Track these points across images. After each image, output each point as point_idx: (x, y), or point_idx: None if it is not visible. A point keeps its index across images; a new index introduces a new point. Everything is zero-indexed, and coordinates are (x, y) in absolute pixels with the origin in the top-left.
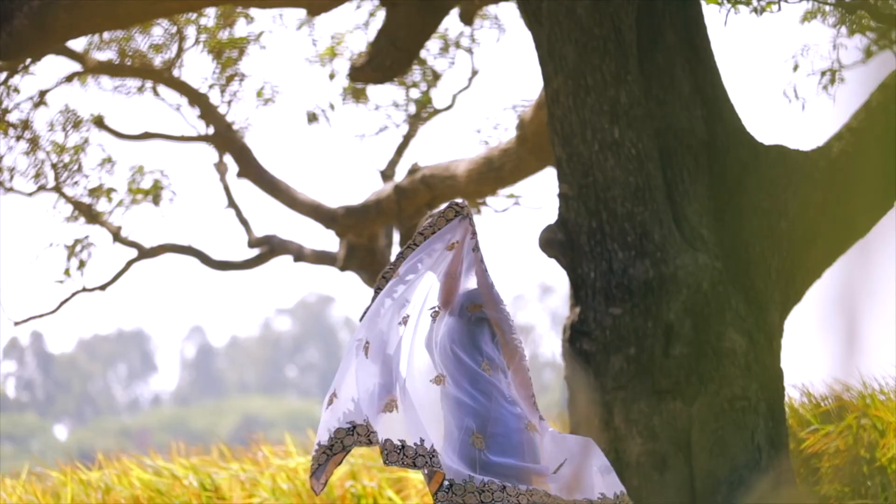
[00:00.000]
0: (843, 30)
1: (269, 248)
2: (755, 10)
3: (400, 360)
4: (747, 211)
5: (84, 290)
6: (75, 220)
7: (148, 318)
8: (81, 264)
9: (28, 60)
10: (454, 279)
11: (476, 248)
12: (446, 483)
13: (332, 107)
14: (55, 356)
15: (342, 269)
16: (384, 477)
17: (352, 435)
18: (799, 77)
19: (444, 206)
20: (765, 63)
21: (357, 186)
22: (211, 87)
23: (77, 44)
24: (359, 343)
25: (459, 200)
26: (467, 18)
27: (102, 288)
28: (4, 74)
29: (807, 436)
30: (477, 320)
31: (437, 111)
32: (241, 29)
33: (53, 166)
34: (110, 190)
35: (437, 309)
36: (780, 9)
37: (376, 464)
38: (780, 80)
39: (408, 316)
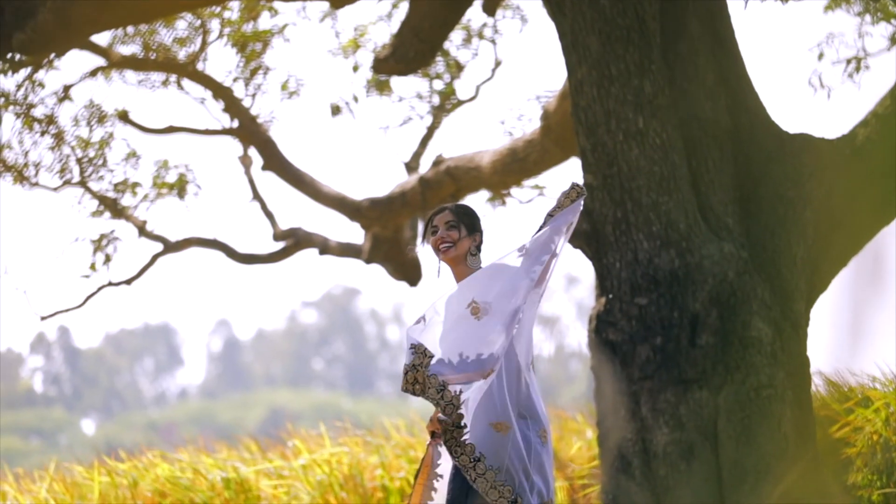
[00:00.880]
0: (868, 18)
1: (295, 240)
2: None
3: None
4: (772, 200)
5: (110, 284)
6: (101, 215)
7: (174, 312)
8: (107, 259)
9: (52, 55)
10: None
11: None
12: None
13: (355, 99)
14: (82, 351)
15: (367, 261)
16: (412, 468)
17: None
18: (824, 65)
19: (568, 186)
20: (789, 52)
21: (381, 178)
22: (235, 80)
23: (101, 38)
24: (476, 306)
25: (579, 183)
26: (490, 9)
27: (128, 282)
28: (29, 70)
29: (835, 422)
30: None
31: (460, 102)
32: (264, 21)
33: (78, 161)
34: (135, 184)
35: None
36: None
37: (405, 453)
38: (805, 69)
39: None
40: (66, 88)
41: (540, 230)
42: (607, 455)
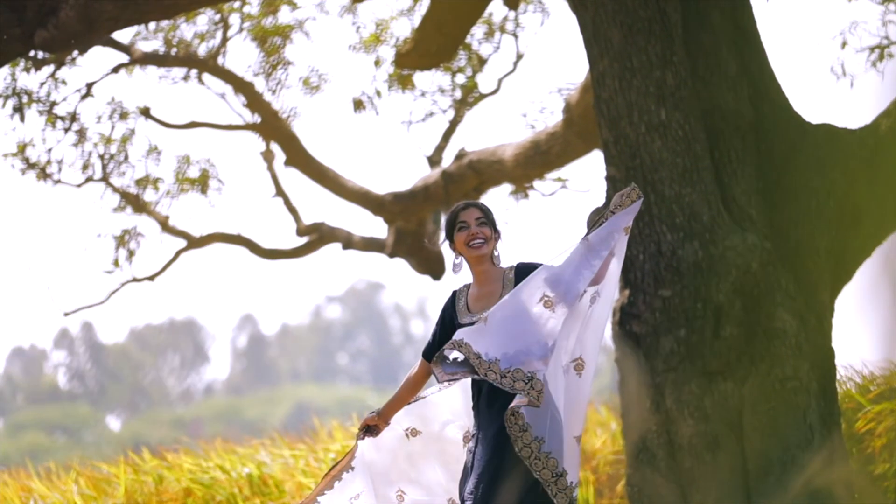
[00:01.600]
0: (893, 6)
1: (318, 235)
2: None
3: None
4: (795, 190)
5: (133, 280)
6: (123, 211)
7: (199, 307)
8: (130, 254)
9: (74, 53)
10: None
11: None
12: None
13: (378, 94)
14: (106, 346)
15: (391, 255)
16: None
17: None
18: (847, 54)
19: (628, 187)
20: (811, 41)
21: (404, 173)
22: (256, 75)
23: (123, 35)
24: (546, 299)
25: (637, 186)
26: (512, 3)
27: (152, 278)
28: (52, 67)
29: (860, 415)
30: None
31: (482, 96)
32: (284, 16)
33: (101, 157)
34: (157, 179)
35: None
36: None
37: None
38: (828, 58)
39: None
40: (89, 85)
41: (595, 227)
42: (632, 447)
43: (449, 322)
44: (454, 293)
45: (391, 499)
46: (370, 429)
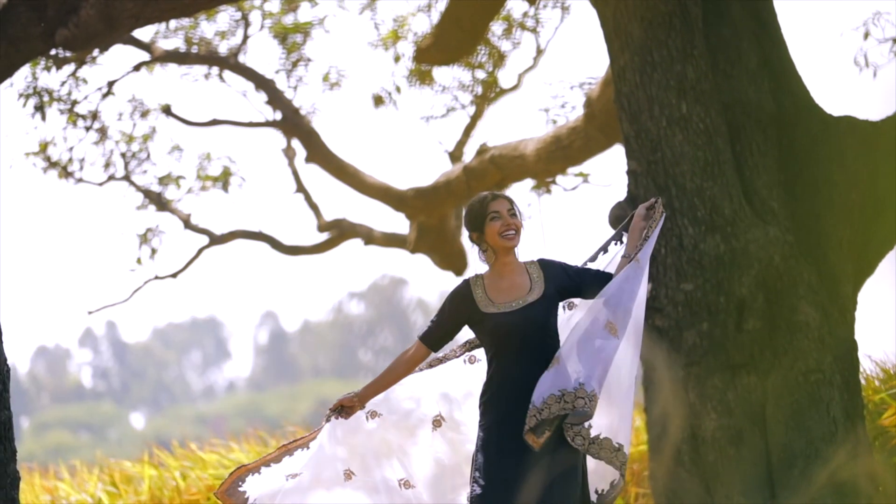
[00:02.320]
0: None
1: (340, 231)
2: None
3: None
4: (817, 183)
5: (156, 277)
6: (145, 209)
7: (221, 304)
8: (153, 252)
9: (95, 51)
10: None
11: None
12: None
13: (398, 89)
14: (129, 345)
15: (413, 251)
16: None
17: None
18: (870, 45)
19: (652, 200)
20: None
21: (425, 168)
22: (277, 72)
23: (143, 33)
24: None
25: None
26: None
27: (174, 275)
28: (72, 66)
29: (883, 408)
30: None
31: (503, 91)
32: (304, 13)
33: (122, 155)
34: (179, 177)
35: None
36: None
37: None
38: (850, 49)
39: None
40: (110, 84)
41: (639, 245)
42: (656, 441)
43: (465, 312)
44: (468, 282)
45: (339, 475)
46: (342, 409)
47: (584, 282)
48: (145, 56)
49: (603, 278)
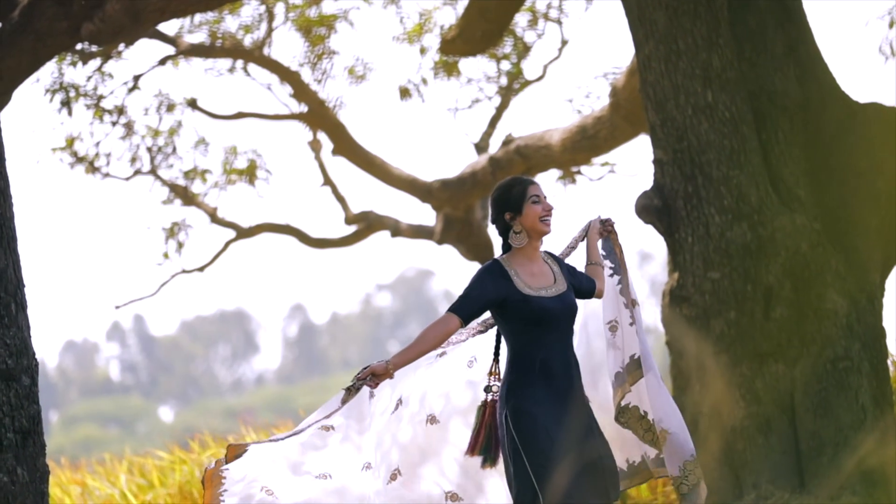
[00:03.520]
0: None
1: (367, 223)
2: None
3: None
4: (844, 170)
5: (183, 271)
6: (172, 203)
7: (248, 298)
8: (180, 246)
9: (121, 45)
10: None
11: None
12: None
13: (424, 81)
14: (157, 338)
15: (440, 242)
16: None
17: None
18: (895, 33)
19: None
20: (858, 19)
21: (452, 160)
22: (302, 65)
23: (168, 27)
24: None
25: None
26: None
27: (201, 269)
28: (99, 61)
29: None
30: None
31: (528, 82)
32: (328, 6)
33: (149, 150)
34: (205, 171)
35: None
36: None
37: None
38: (875, 37)
39: None
40: (136, 78)
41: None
42: None
43: (503, 290)
44: (498, 262)
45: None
46: (372, 377)
47: (581, 285)
48: (170, 50)
49: (591, 285)
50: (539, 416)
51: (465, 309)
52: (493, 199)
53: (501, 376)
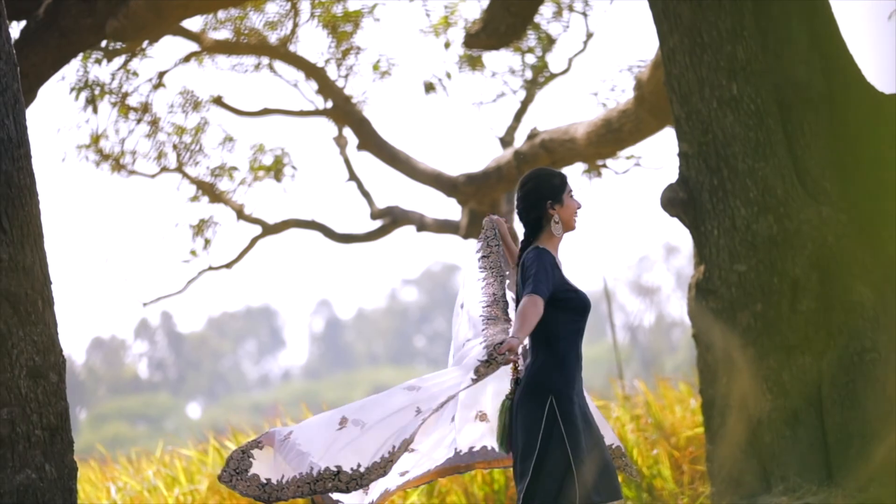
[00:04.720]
0: None
1: (392, 219)
2: None
3: None
4: (870, 162)
5: (210, 268)
6: (198, 200)
7: (275, 293)
8: (207, 243)
9: (145, 42)
10: None
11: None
12: None
13: (448, 76)
14: (185, 335)
15: (465, 236)
16: None
17: None
18: None
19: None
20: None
21: (477, 154)
22: (327, 61)
23: (193, 24)
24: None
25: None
26: None
27: (228, 266)
28: (123, 58)
29: None
30: None
31: (553, 76)
32: (354, 2)
33: (174, 147)
34: (232, 168)
35: None
36: None
37: None
38: None
39: None
40: (160, 75)
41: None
42: (711, 423)
43: (559, 281)
44: (550, 252)
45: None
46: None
47: None
48: (195, 47)
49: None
50: (577, 406)
51: (546, 291)
52: (533, 185)
53: (528, 365)
